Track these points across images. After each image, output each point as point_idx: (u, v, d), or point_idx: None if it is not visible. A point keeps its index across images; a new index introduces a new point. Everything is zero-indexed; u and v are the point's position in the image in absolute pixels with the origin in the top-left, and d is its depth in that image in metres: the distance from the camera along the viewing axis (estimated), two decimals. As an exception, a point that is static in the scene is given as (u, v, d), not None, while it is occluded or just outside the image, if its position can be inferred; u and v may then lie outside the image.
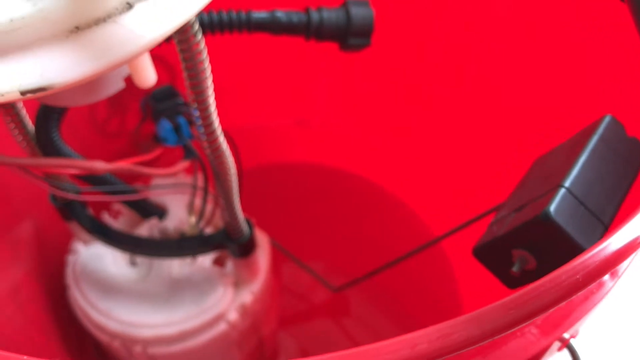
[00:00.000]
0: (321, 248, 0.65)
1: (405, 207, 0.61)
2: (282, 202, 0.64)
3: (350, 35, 0.39)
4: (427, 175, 0.59)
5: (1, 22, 0.22)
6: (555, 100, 0.45)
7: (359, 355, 0.18)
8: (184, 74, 0.30)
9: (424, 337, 0.18)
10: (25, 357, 0.17)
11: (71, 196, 0.41)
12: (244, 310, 0.45)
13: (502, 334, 0.18)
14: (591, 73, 0.41)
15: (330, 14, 0.39)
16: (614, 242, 0.20)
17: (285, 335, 0.62)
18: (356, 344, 0.60)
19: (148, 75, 0.30)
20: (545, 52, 0.44)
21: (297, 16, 0.38)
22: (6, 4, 0.22)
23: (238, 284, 0.46)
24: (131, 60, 0.24)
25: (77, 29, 0.23)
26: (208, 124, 0.33)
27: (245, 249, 0.42)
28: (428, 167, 0.58)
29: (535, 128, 0.46)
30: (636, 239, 0.20)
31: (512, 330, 0.19)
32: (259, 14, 0.38)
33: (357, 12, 0.39)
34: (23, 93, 0.22)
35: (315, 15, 0.38)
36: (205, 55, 0.30)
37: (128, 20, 0.24)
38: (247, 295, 0.45)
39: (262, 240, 0.48)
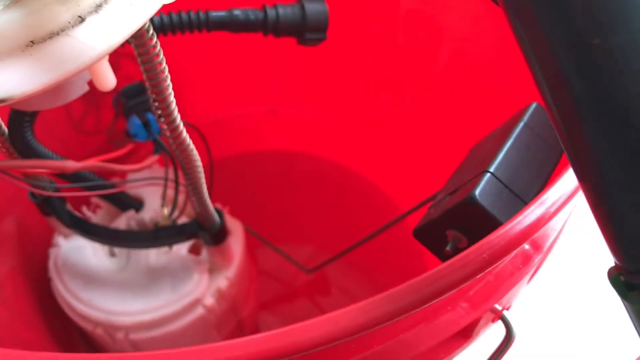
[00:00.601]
0: (297, 231, 0.67)
1: (376, 188, 0.63)
2: (257, 189, 0.66)
3: (306, 31, 0.41)
4: (394, 157, 0.61)
5: (-40, 39, 0.24)
6: (506, 85, 0.46)
7: (288, 333, 0.20)
8: (144, 75, 0.32)
9: (345, 315, 0.20)
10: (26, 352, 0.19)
11: (49, 193, 0.43)
12: (219, 295, 0.47)
13: (416, 309, 0.20)
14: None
15: (286, 11, 0.40)
16: (520, 222, 0.22)
17: (267, 317, 0.64)
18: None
19: (107, 80, 0.31)
20: (498, 42, 0.46)
21: (254, 14, 0.40)
22: (-37, 23, 0.24)
23: (213, 270, 0.48)
24: (85, 69, 0.26)
25: (32, 43, 0.25)
26: (170, 121, 0.35)
27: (217, 237, 0.44)
28: (394, 150, 0.60)
29: (489, 113, 0.48)
30: (537, 219, 0.22)
31: (428, 305, 0.21)
32: (217, 13, 0.39)
33: (312, 8, 0.40)
34: (-16, 105, 0.24)
35: (271, 12, 0.40)
36: (162, 56, 0.31)
37: (80, 33, 0.25)
38: (222, 281, 0.48)
39: (236, 227, 0.50)
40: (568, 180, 0.22)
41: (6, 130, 0.39)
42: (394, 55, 0.54)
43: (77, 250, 0.47)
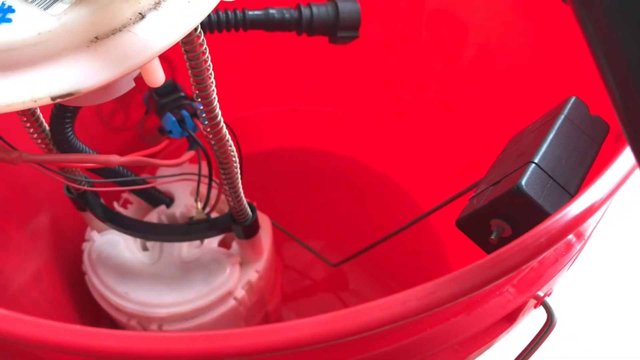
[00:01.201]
0: (318, 227, 0.68)
1: (396, 185, 0.64)
2: (280, 185, 0.67)
3: (339, 29, 0.42)
4: (416, 156, 0.62)
5: (30, 35, 0.25)
6: (531, 81, 0.47)
7: (358, 313, 0.21)
8: (189, 72, 0.33)
9: (413, 295, 0.21)
10: (77, 326, 0.20)
11: (85, 188, 0.44)
12: (250, 288, 0.48)
13: (480, 290, 0.21)
14: (561, 57, 0.44)
15: (320, 10, 0.41)
16: (573, 208, 0.23)
17: (287, 309, 0.65)
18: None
19: (157, 76, 0.32)
20: (523, 39, 0.47)
21: (289, 13, 0.41)
22: (34, 20, 0.25)
23: (243, 263, 0.49)
24: (145, 64, 0.27)
25: (97, 39, 0.26)
26: (212, 117, 0.36)
27: (250, 230, 0.45)
28: (417, 149, 0.61)
29: (513, 110, 0.49)
30: (592, 205, 0.23)
31: (488, 287, 0.22)
32: (254, 12, 0.40)
33: (345, 7, 0.41)
34: (53, 98, 0.25)
35: (306, 12, 0.41)
36: (207, 54, 0.33)
37: (141, 29, 0.26)
38: (253, 274, 0.49)
39: (264, 222, 0.52)
40: (624, 162, 0.24)
41: (47, 126, 0.40)
42: (417, 52, 0.55)
43: (110, 244, 0.48)
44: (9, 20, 0.25)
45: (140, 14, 0.27)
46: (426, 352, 0.27)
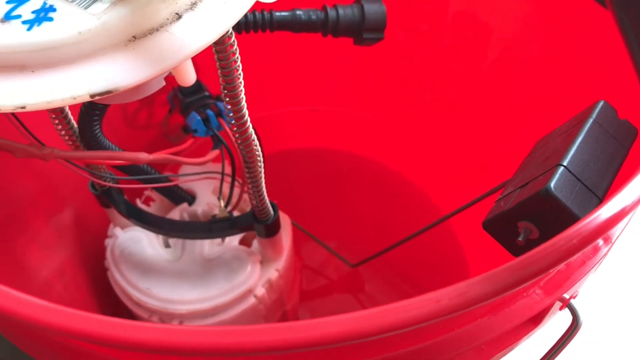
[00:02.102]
0: (334, 227, 0.68)
1: (415, 187, 0.64)
2: (298, 185, 0.67)
3: (364, 31, 0.42)
4: (436, 158, 0.62)
5: (71, 34, 0.25)
6: (554, 85, 0.48)
7: (392, 311, 0.21)
8: (219, 72, 0.34)
9: (445, 295, 0.21)
10: (101, 316, 0.20)
11: (110, 184, 0.44)
12: (270, 286, 0.49)
13: (511, 291, 0.22)
14: (587, 61, 0.44)
15: (346, 11, 0.42)
16: (605, 211, 0.23)
17: (304, 309, 0.66)
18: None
19: (190, 76, 0.33)
20: (547, 43, 0.47)
21: (315, 14, 0.41)
22: (74, 19, 0.26)
23: (264, 261, 0.49)
24: (181, 64, 0.27)
25: (135, 38, 0.27)
26: (239, 117, 0.36)
27: (271, 229, 0.46)
28: (436, 151, 0.62)
29: (534, 114, 0.49)
30: (623, 209, 0.23)
31: (519, 287, 0.22)
32: (281, 13, 0.41)
33: (371, 8, 0.42)
34: (92, 96, 0.26)
35: (332, 13, 0.41)
36: (237, 55, 0.33)
37: (178, 29, 0.27)
38: (273, 272, 0.49)
39: (285, 221, 0.52)
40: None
41: (75, 124, 0.40)
42: (440, 55, 0.55)
43: (133, 241, 0.49)
44: (51, 19, 0.25)
45: (177, 14, 0.27)
46: (452, 353, 0.27)
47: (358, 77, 0.62)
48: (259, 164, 0.41)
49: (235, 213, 0.50)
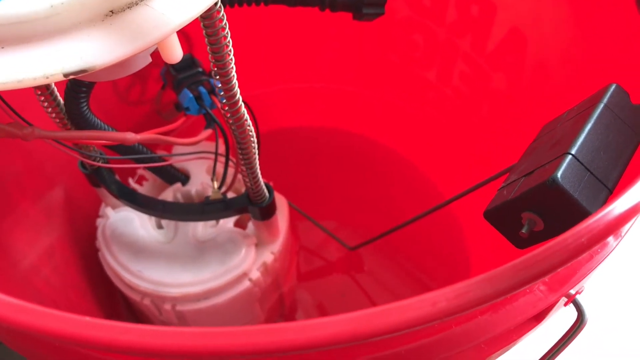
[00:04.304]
0: (333, 207, 0.67)
1: (415, 168, 0.63)
2: (296, 164, 0.66)
3: (364, 5, 0.40)
4: (439, 140, 0.60)
5: (42, 8, 0.23)
6: (562, 67, 0.45)
7: (385, 313, 0.20)
8: (208, 48, 0.32)
9: (442, 296, 0.20)
10: (87, 317, 0.19)
11: (100, 164, 0.43)
12: (265, 269, 0.48)
13: (513, 293, 0.20)
14: (597, 41, 0.42)
15: (345, -16, 0.40)
16: (617, 206, 0.21)
17: (302, 290, 0.64)
18: (369, 297, 0.62)
19: (176, 52, 0.31)
20: (556, 19, 0.45)
21: (312, -14, 0.39)
22: (46, -9, 0.24)
23: (259, 244, 0.48)
24: (163, 40, 0.25)
25: (112, 12, 0.25)
26: (230, 96, 0.35)
27: (266, 212, 0.44)
28: (438, 131, 0.60)
29: (542, 96, 0.47)
30: (637, 204, 0.21)
31: (521, 289, 0.20)
32: (276, -15, 0.39)
33: (372, -19, 0.40)
34: (66, 75, 0.24)
35: (330, -15, 0.39)
36: (227, 30, 0.31)
37: (158, 3, 0.25)
38: (268, 255, 0.48)
39: (281, 203, 0.50)
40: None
41: (62, 101, 0.39)
42: (443, 32, 0.53)
43: (125, 221, 0.47)
44: (20, -9, 0.24)
45: (158, -14, 0.25)
46: (451, 351, 0.26)
47: (357, 53, 0.59)
48: (253, 144, 0.39)
49: (231, 194, 0.49)
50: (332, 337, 0.20)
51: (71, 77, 0.24)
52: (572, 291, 0.27)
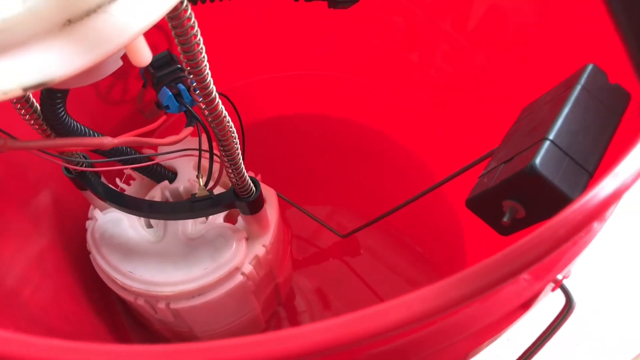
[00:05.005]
0: (325, 193, 0.67)
1: (406, 150, 0.62)
2: (285, 153, 0.65)
3: (339, -8, 0.39)
4: (426, 121, 0.59)
5: (-5, 22, 0.23)
6: (544, 43, 0.44)
7: (359, 319, 0.19)
8: (179, 48, 0.31)
9: (417, 299, 0.19)
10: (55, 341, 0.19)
11: (84, 168, 0.42)
12: (257, 262, 0.47)
13: (490, 291, 0.20)
14: (574, 22, 0.41)
15: (318, -29, 0.38)
16: (600, 192, 0.21)
17: (299, 276, 0.64)
18: (366, 281, 0.62)
19: (143, 56, 0.30)
20: (536, 3, 0.44)
21: (285, -25, 0.38)
22: (-2, 5, 0.23)
23: (250, 238, 0.48)
24: (125, 46, 0.25)
25: (70, 22, 0.24)
26: (206, 94, 0.34)
27: (254, 206, 0.44)
28: (426, 113, 0.59)
29: (526, 73, 0.46)
30: (620, 187, 0.21)
31: (500, 286, 0.20)
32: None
33: (345, -34, 0.38)
34: (25, 89, 0.23)
35: (303, -27, 0.38)
36: (196, 27, 0.30)
37: (117, 9, 0.24)
38: (260, 248, 0.47)
39: (270, 195, 0.50)
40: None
41: (39, 107, 0.38)
42: (422, 11, 0.52)
43: (113, 222, 0.47)
44: (-31, 6, 0.23)
45: (115, -9, 0.24)
46: (439, 345, 0.25)
47: (339, 39, 0.58)
48: (234, 140, 0.38)
49: (220, 189, 0.48)
50: (310, 346, 0.19)
51: (31, 91, 0.23)
52: (559, 276, 0.27)
